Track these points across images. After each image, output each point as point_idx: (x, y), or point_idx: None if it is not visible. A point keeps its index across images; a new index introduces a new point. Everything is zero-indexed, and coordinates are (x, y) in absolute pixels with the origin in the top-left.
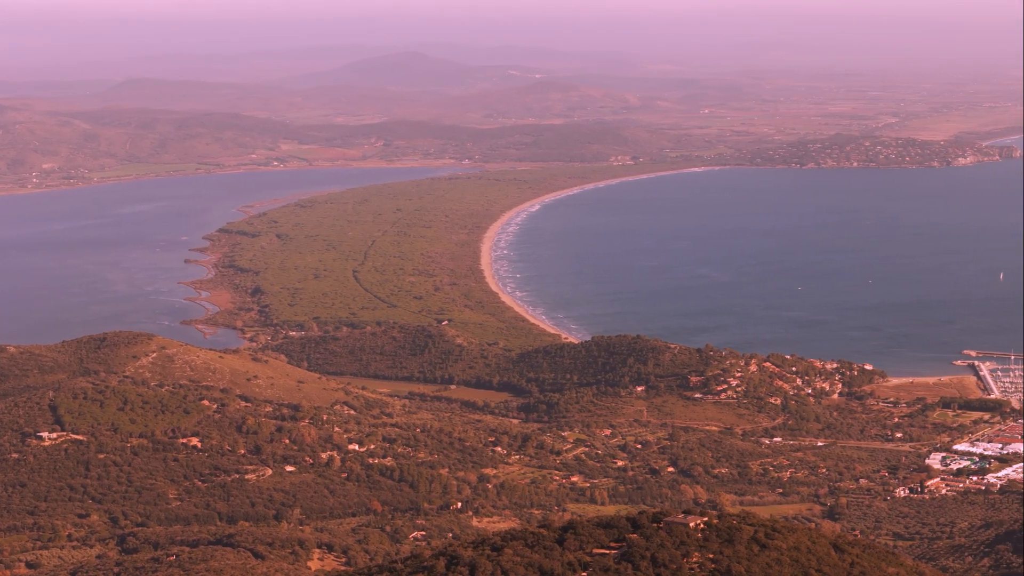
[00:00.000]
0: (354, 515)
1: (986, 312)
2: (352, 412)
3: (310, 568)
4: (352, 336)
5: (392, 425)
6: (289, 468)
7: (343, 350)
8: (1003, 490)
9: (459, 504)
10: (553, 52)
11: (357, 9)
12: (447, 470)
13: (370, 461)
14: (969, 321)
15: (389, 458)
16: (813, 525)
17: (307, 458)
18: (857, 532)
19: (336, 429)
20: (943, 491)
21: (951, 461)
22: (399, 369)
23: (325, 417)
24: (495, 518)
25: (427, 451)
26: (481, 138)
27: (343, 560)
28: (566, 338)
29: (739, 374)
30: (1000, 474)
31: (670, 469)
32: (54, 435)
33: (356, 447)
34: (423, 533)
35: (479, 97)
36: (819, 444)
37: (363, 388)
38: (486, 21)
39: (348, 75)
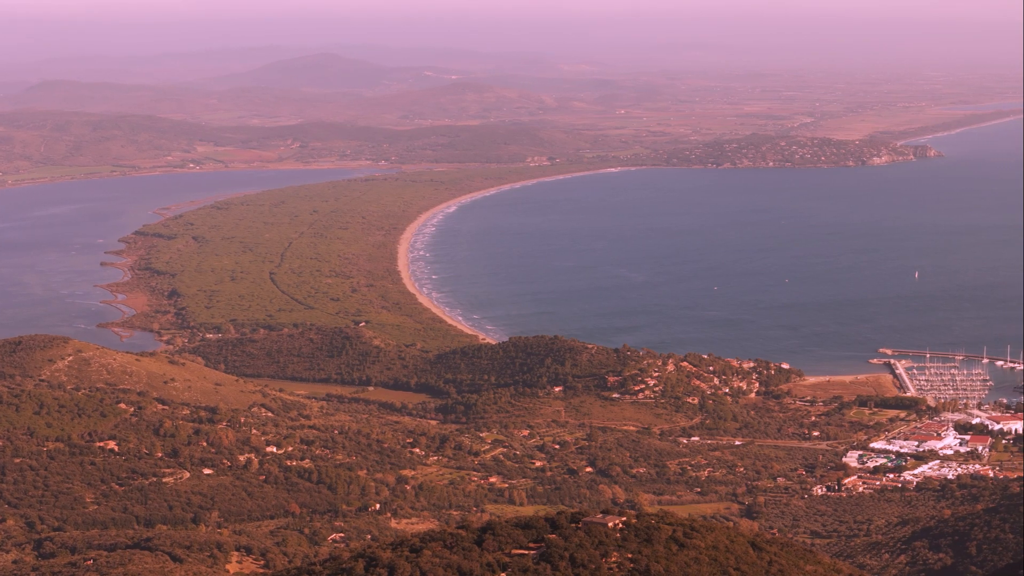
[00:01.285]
0: (272, 517)
1: (902, 311)
2: (270, 414)
3: (228, 571)
4: (269, 338)
5: (310, 427)
6: (207, 471)
7: (260, 352)
8: (919, 487)
9: (377, 506)
10: (468, 53)
11: (271, 10)
12: (365, 472)
13: (288, 463)
14: (885, 320)
15: (307, 460)
16: (731, 524)
17: (225, 461)
18: (775, 530)
19: (254, 431)
20: (860, 489)
21: (868, 459)
22: (316, 371)
23: (243, 419)
24: (413, 519)
25: (345, 453)
26: (397, 139)
27: (261, 563)
28: (483, 339)
29: (656, 374)
30: (916, 471)
31: (588, 469)
32: None
33: (274, 449)
34: (342, 535)
35: (395, 98)
36: (737, 443)
37: (280, 390)
38: (400, 22)
39: (263, 76)
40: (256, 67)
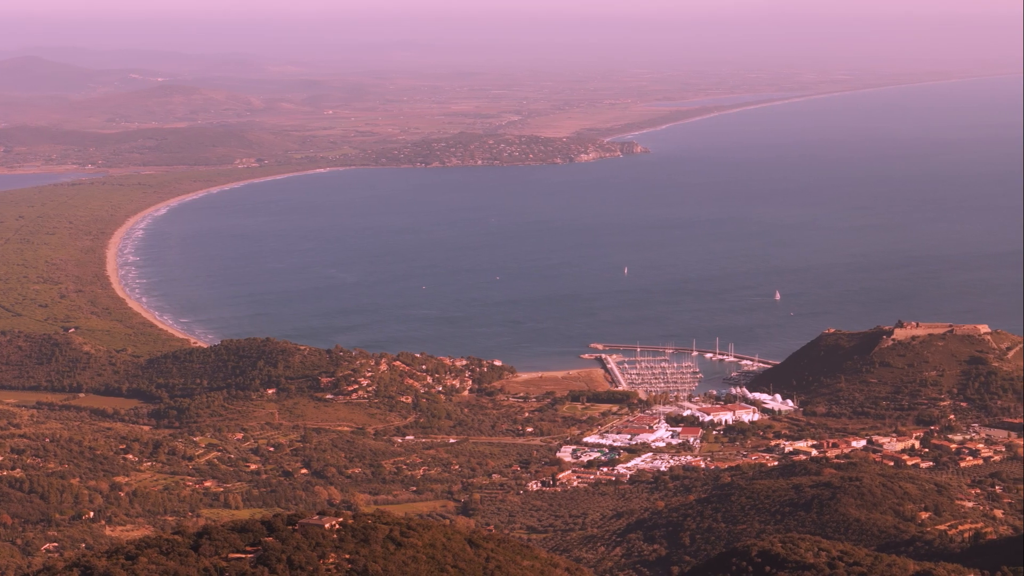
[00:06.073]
0: None
1: (612, 306)
2: None
3: None
4: None
5: (20, 436)
6: None
7: None
8: (633, 480)
9: (91, 514)
10: (174, 55)
11: None
12: (78, 480)
13: None
14: (596, 315)
15: (18, 469)
16: (448, 522)
17: None
18: (491, 527)
19: None
20: (575, 483)
21: (581, 453)
22: (26, 379)
23: None
24: (129, 526)
25: (57, 461)
26: (104, 143)
27: None
28: (195, 343)
29: (369, 374)
30: (629, 464)
31: (303, 471)
32: None
33: None
34: (55, 544)
35: (100, 101)
36: (451, 441)
37: None
38: (104, 24)
39: None
40: None
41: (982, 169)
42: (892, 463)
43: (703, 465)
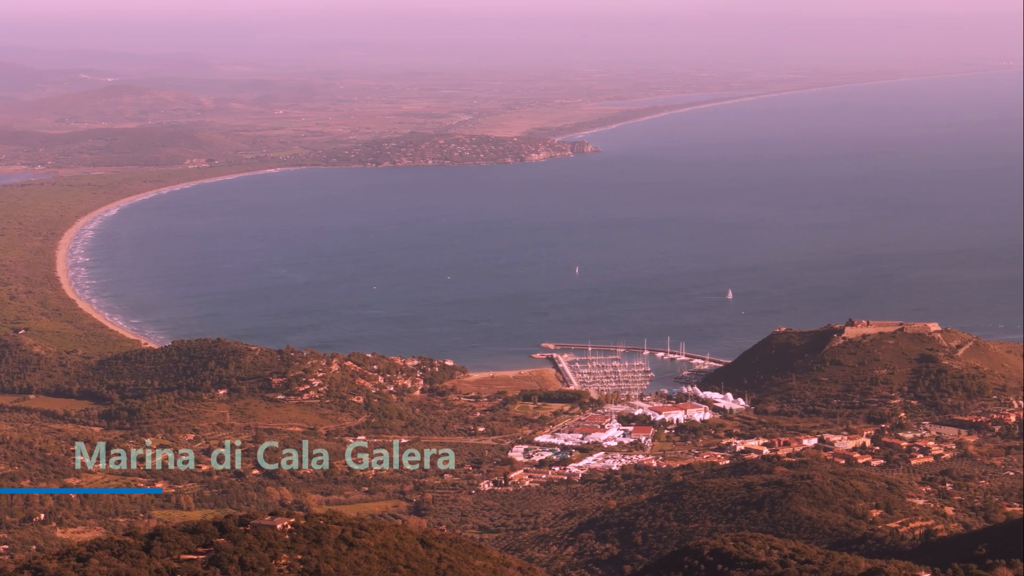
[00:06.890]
0: None
1: (563, 305)
2: None
3: None
4: None
5: None
6: None
7: None
8: (585, 479)
9: (42, 516)
10: (124, 55)
11: None
12: (29, 481)
13: None
14: (548, 315)
15: None
16: (400, 522)
17: None
18: (443, 527)
19: None
20: (527, 483)
21: (533, 453)
22: None
23: None
24: (80, 528)
25: (7, 463)
26: (53, 143)
27: None
28: (146, 343)
29: (321, 374)
30: (581, 463)
31: (255, 472)
32: None
33: None
34: (6, 547)
35: (50, 101)
36: (403, 441)
37: None
38: (54, 24)
39: None
40: None
41: (931, 167)
42: (843, 461)
43: (655, 464)
